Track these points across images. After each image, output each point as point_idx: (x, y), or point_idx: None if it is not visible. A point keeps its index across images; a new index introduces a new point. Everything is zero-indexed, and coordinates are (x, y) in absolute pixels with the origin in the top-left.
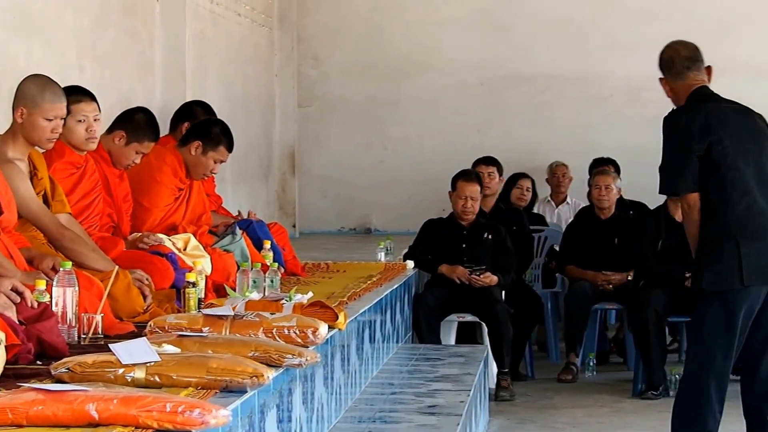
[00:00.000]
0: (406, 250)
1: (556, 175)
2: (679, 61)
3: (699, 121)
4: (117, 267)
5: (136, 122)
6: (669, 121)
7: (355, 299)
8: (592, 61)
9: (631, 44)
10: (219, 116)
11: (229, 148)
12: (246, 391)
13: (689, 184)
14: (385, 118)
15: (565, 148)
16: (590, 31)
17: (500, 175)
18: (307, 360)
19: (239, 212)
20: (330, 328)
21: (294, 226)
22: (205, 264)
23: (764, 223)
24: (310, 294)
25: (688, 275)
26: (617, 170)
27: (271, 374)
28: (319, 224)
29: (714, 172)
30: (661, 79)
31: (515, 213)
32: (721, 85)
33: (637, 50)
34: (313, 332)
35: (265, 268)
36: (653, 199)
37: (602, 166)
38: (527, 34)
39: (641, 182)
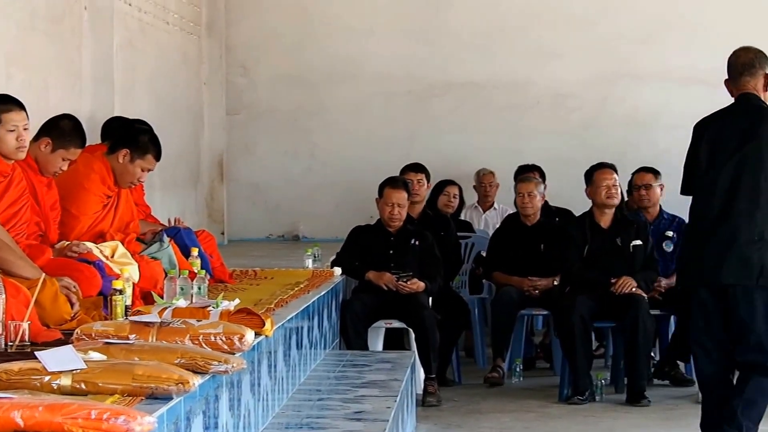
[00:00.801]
0: (333, 257)
1: (483, 182)
2: (735, 65)
3: (705, 125)
4: (44, 275)
5: (61, 129)
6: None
7: (282, 306)
8: (519, 68)
9: (558, 52)
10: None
11: (157, 157)
12: (172, 398)
13: (685, 187)
14: (313, 126)
15: (492, 155)
16: (517, 39)
17: (428, 181)
18: (233, 367)
19: (169, 220)
20: (257, 334)
21: (223, 234)
22: (132, 271)
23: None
24: (237, 301)
25: (613, 281)
26: (542, 177)
27: (197, 381)
28: (248, 231)
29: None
30: (725, 80)
31: (442, 219)
32: (648, 91)
33: (563, 58)
34: (240, 339)
35: (192, 275)
36: (579, 205)
37: (526, 173)
38: (454, 43)
39: (567, 189)
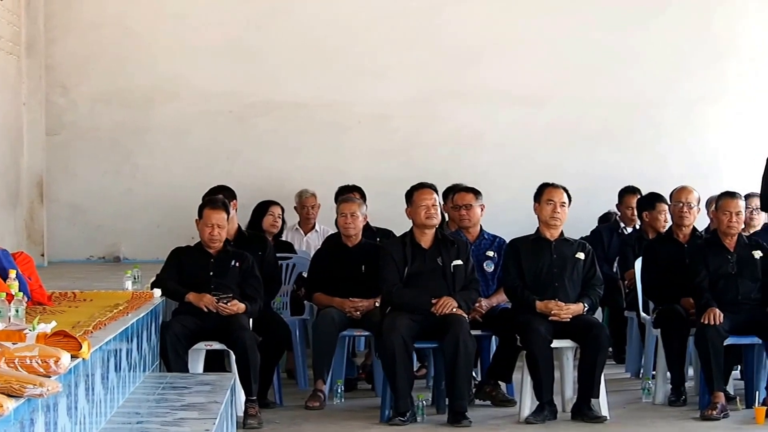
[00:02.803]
0: (153, 279)
1: (305, 204)
2: None
3: None
4: None
5: None
6: None
7: (100, 328)
8: (341, 88)
9: (380, 71)
10: None
11: None
12: None
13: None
14: (134, 146)
15: (314, 175)
16: (338, 58)
17: (233, 199)
18: (48, 390)
19: None
20: (73, 357)
21: (42, 255)
22: None
23: None
24: (54, 323)
25: (433, 301)
26: (363, 197)
27: (11, 405)
28: (68, 253)
29: None
30: None
31: (261, 240)
32: (471, 111)
33: (385, 77)
34: (56, 362)
35: (10, 297)
36: (403, 225)
37: (347, 194)
38: (276, 62)
39: (388, 209)
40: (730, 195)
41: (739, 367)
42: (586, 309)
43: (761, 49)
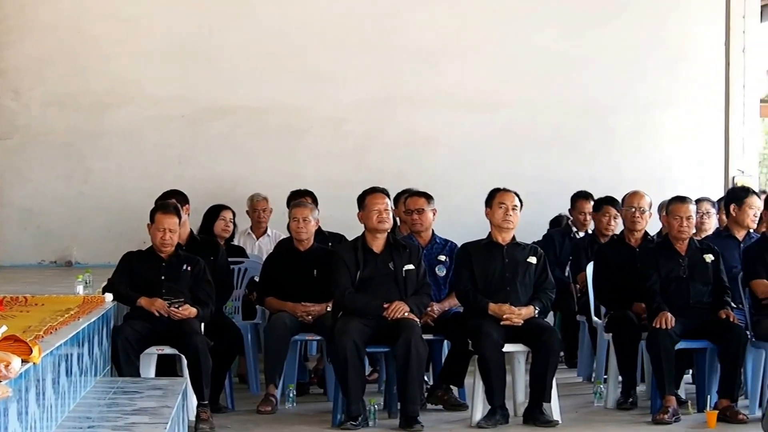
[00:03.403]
0: (105, 283)
1: (257, 207)
2: None
3: None
4: None
5: None
6: None
7: (51, 333)
8: (293, 92)
9: (332, 76)
10: None
11: None
12: None
13: None
14: (87, 150)
15: (266, 179)
16: (292, 62)
17: (186, 203)
18: None
19: None
20: (24, 362)
21: None
22: None
23: None
24: (5, 328)
25: (385, 305)
26: (314, 202)
27: None
28: (20, 257)
29: None
30: None
31: (213, 245)
32: (425, 115)
33: (339, 81)
34: (6, 366)
35: None
36: (353, 229)
37: (299, 198)
38: (228, 67)
39: (340, 214)
40: (681, 200)
41: (691, 371)
42: (537, 312)
43: (714, 55)
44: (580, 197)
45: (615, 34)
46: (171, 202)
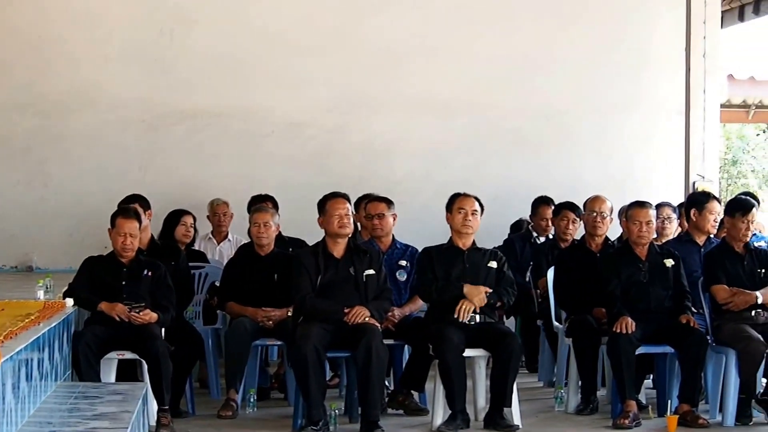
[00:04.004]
0: (66, 288)
1: (217, 212)
2: None
3: None
4: None
5: None
6: None
7: (11, 338)
8: (254, 97)
9: (294, 80)
10: None
11: None
12: None
13: None
14: (48, 154)
15: (227, 184)
16: (253, 67)
17: (148, 208)
18: None
19: None
20: None
21: None
22: None
23: None
24: None
25: (346, 310)
26: (275, 206)
27: None
28: None
29: None
30: None
31: (173, 249)
32: (384, 120)
33: (299, 86)
34: None
35: None
36: (314, 234)
37: (260, 203)
38: (189, 71)
39: (301, 218)
40: (640, 204)
41: (651, 375)
42: (497, 304)
43: (675, 60)
44: (541, 203)
45: (576, 39)
46: (132, 206)
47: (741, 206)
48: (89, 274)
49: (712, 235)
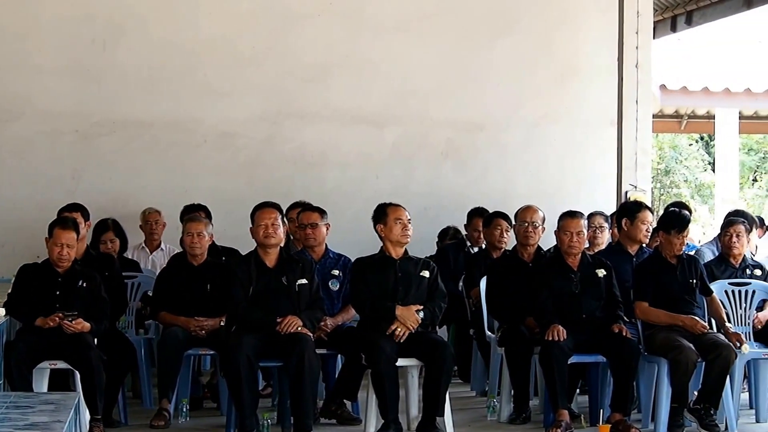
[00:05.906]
0: (5, 299)
1: (149, 221)
2: None
3: None
4: None
5: None
6: None
7: None
8: (185, 107)
9: (224, 90)
10: None
11: None
12: None
13: None
14: None
15: (159, 194)
16: (182, 77)
17: (86, 220)
18: None
19: None
20: None
21: None
22: None
23: None
24: None
25: (278, 320)
26: (208, 216)
27: None
28: None
29: None
30: None
31: (107, 259)
32: (315, 130)
33: (229, 96)
34: None
35: None
36: (246, 244)
37: (193, 213)
38: (120, 81)
39: (234, 228)
40: (571, 215)
41: (581, 381)
42: (421, 317)
43: (607, 70)
44: (475, 214)
45: (507, 50)
46: (71, 216)
47: (677, 223)
48: (24, 283)
49: (644, 245)
